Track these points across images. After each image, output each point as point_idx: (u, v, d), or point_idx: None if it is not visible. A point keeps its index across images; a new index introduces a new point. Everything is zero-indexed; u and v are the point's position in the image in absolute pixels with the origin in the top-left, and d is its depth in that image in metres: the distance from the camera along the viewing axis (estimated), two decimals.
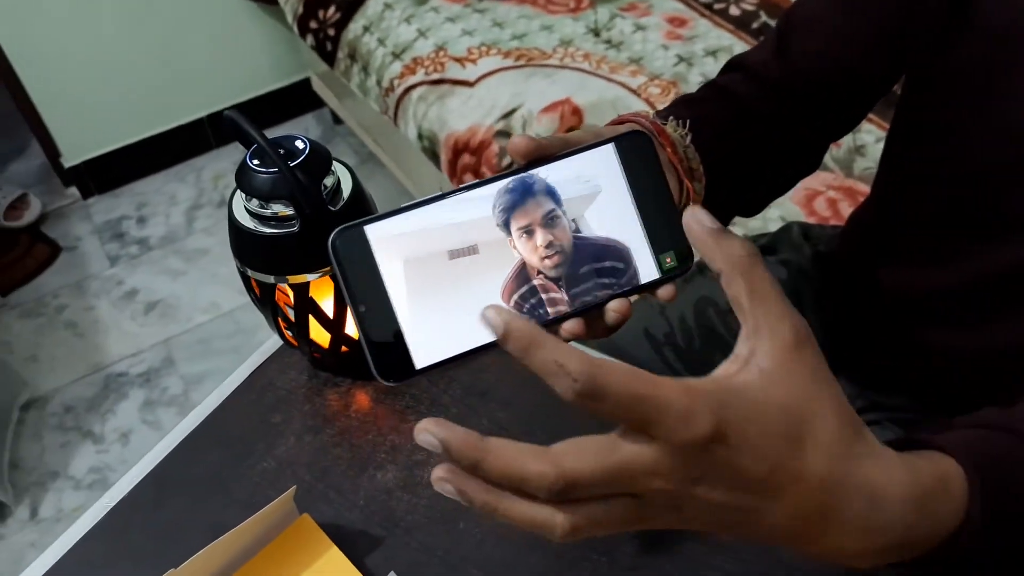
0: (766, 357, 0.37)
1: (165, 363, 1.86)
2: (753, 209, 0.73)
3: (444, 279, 0.45)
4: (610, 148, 0.47)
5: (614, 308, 0.47)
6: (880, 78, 0.70)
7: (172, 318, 1.96)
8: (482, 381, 0.69)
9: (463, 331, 0.45)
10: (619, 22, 1.65)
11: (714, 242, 0.38)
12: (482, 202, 0.46)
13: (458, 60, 1.61)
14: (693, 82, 1.48)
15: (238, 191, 0.62)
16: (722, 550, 0.57)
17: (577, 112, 1.45)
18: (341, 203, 0.62)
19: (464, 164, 1.52)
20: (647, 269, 0.48)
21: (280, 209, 0.60)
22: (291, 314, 0.64)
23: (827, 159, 1.31)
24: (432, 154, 1.60)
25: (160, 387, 1.81)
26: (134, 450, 1.68)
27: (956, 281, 0.70)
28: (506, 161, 1.44)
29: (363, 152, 2.26)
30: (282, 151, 0.60)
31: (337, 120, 2.34)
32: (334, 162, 0.63)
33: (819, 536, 0.38)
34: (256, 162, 0.60)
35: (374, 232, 0.45)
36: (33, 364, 1.89)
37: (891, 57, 0.67)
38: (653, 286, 0.48)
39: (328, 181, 0.61)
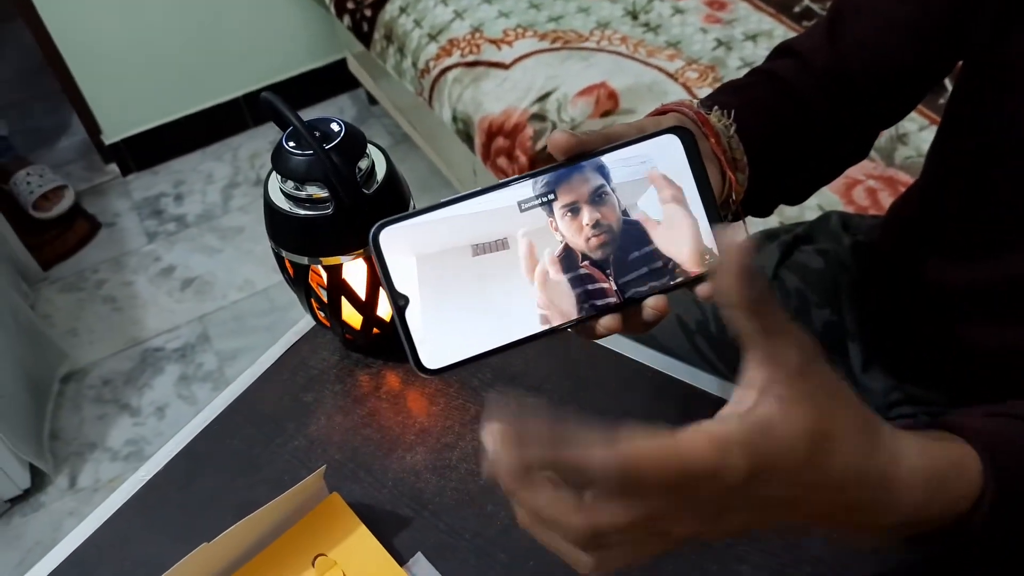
0: (782, 385, 0.37)
1: (200, 339, 1.89)
2: (798, 197, 0.72)
3: (485, 274, 0.45)
4: (653, 144, 0.47)
5: (652, 305, 0.47)
6: (933, 67, 0.68)
7: (208, 295, 1.99)
8: (512, 365, 0.69)
9: (503, 325, 0.45)
10: (657, 5, 1.63)
11: (734, 277, 0.36)
12: (524, 191, 0.45)
13: (494, 42, 1.61)
14: (732, 67, 1.46)
15: (274, 172, 0.62)
16: (748, 542, 0.56)
17: (613, 96, 1.44)
18: (375, 186, 0.62)
19: (498, 147, 1.52)
20: (692, 264, 0.47)
21: (315, 191, 0.60)
22: (324, 295, 0.65)
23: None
24: (466, 136, 1.60)
25: (195, 363, 1.84)
26: (170, 424, 1.71)
27: (1001, 277, 0.69)
28: (540, 144, 1.43)
29: (398, 133, 2.26)
30: (318, 133, 0.60)
31: (372, 101, 2.35)
32: (369, 145, 0.64)
33: (833, 523, 0.40)
34: (292, 144, 0.60)
35: (414, 227, 0.45)
36: (73, 337, 1.92)
37: (945, 46, 0.66)
38: (695, 282, 0.47)
39: (363, 164, 0.62)
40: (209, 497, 0.64)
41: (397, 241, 0.45)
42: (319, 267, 0.63)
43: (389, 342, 0.71)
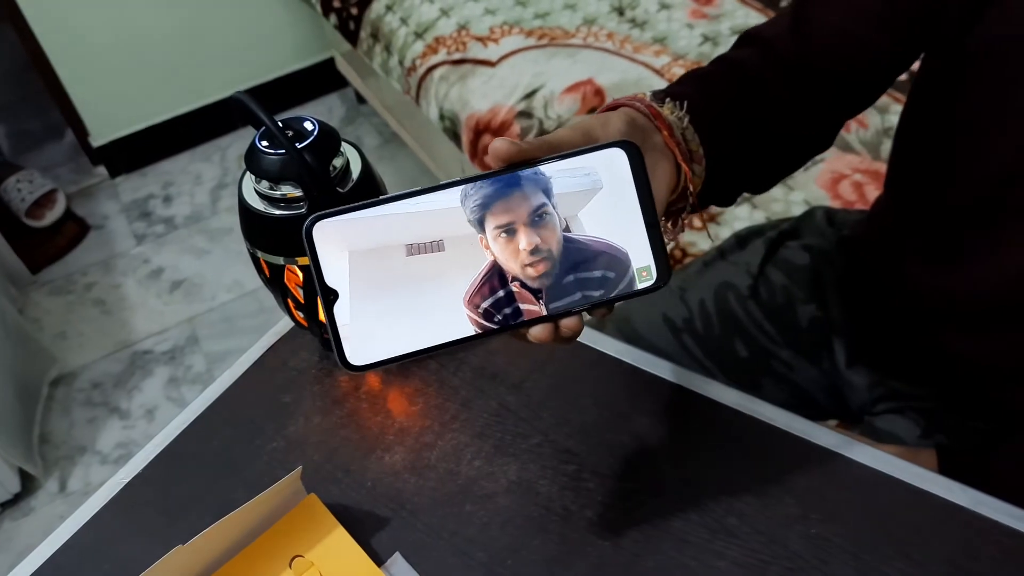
0: None
1: (189, 341, 1.89)
2: (762, 186, 0.71)
3: (410, 275, 0.44)
4: (598, 156, 0.45)
5: (567, 325, 0.45)
6: (898, 57, 0.68)
7: (197, 297, 1.98)
8: (492, 364, 0.69)
9: (432, 326, 0.44)
10: (643, 1, 1.63)
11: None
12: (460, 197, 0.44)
13: (480, 40, 1.60)
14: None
15: (248, 172, 0.62)
16: (728, 538, 0.56)
17: (599, 93, 1.44)
18: (350, 184, 0.62)
19: (485, 144, 1.51)
20: (627, 281, 0.45)
21: (289, 191, 0.60)
22: (301, 295, 0.64)
23: (854, 142, 1.29)
24: (454, 134, 1.60)
25: (184, 365, 1.84)
26: (159, 426, 1.70)
27: (973, 285, 0.69)
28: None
29: (386, 132, 2.26)
30: (291, 133, 0.60)
31: (361, 100, 2.34)
32: (343, 143, 0.63)
33: None
34: (265, 144, 0.60)
35: (349, 222, 0.44)
36: (62, 341, 1.92)
37: (911, 36, 0.65)
38: (630, 297, 0.45)
39: (337, 162, 0.61)
40: (187, 499, 0.63)
41: (331, 235, 0.44)
42: (295, 267, 0.63)
43: None
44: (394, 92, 1.84)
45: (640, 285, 0.45)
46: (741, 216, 1.21)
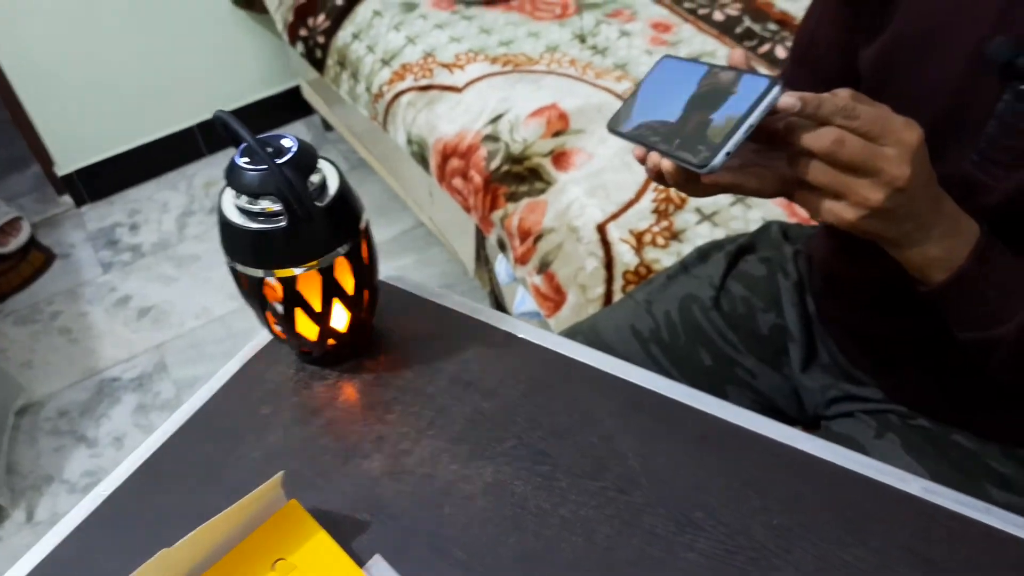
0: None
1: (158, 368, 1.88)
2: None
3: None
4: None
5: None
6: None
7: (164, 324, 1.98)
8: (467, 372, 0.71)
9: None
10: (604, 28, 1.68)
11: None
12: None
13: (446, 66, 1.64)
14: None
15: (227, 188, 0.64)
16: (695, 530, 0.59)
17: (563, 117, 1.48)
18: (328, 199, 0.64)
19: (453, 168, 1.55)
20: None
21: (268, 205, 0.62)
22: (279, 307, 0.66)
23: None
24: (421, 159, 1.62)
25: (153, 391, 1.83)
26: (127, 454, 1.69)
27: (878, 273, 0.75)
28: (494, 164, 1.46)
29: (353, 158, 2.28)
30: (271, 149, 0.62)
31: (328, 127, 2.36)
32: (321, 160, 0.66)
33: (925, 230, 0.61)
34: (245, 160, 0.62)
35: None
36: (28, 370, 1.90)
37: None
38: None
39: (315, 178, 0.64)
40: (168, 511, 0.64)
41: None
42: (273, 280, 0.65)
43: (344, 353, 0.73)
44: (361, 118, 1.87)
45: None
46: (703, 233, 1.25)
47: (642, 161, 0.64)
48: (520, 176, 1.43)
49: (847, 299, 0.87)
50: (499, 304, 1.73)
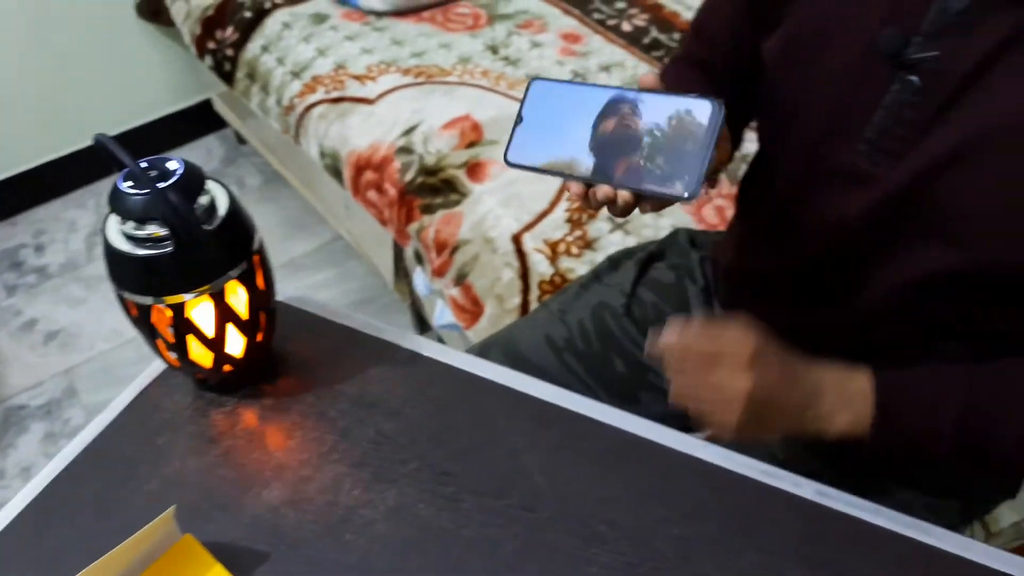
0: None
1: (67, 393, 1.81)
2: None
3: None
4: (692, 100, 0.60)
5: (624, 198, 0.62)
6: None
7: (73, 347, 1.91)
8: (371, 393, 0.70)
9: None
10: (516, 39, 1.69)
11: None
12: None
13: (357, 78, 1.62)
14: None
15: (112, 215, 0.62)
16: (599, 545, 0.59)
17: (477, 128, 1.48)
18: (217, 221, 0.62)
19: (367, 181, 1.53)
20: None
21: (155, 230, 0.60)
22: (171, 334, 0.64)
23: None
24: (335, 172, 1.60)
25: (62, 419, 1.76)
26: None
27: (775, 267, 0.81)
28: (408, 176, 1.45)
29: (268, 171, 2.24)
30: (155, 172, 0.60)
31: (241, 140, 2.32)
32: (209, 182, 0.64)
33: (792, 420, 0.67)
34: (129, 184, 0.60)
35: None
36: None
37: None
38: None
39: (203, 200, 0.62)
40: (59, 550, 0.62)
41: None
42: (163, 306, 0.62)
43: (243, 378, 0.71)
44: (274, 131, 1.84)
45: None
46: (615, 241, 1.27)
47: (581, 197, 0.64)
48: (435, 188, 1.42)
49: (751, 300, 0.89)
50: (420, 317, 1.72)
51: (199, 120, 2.35)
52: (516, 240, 1.30)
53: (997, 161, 0.61)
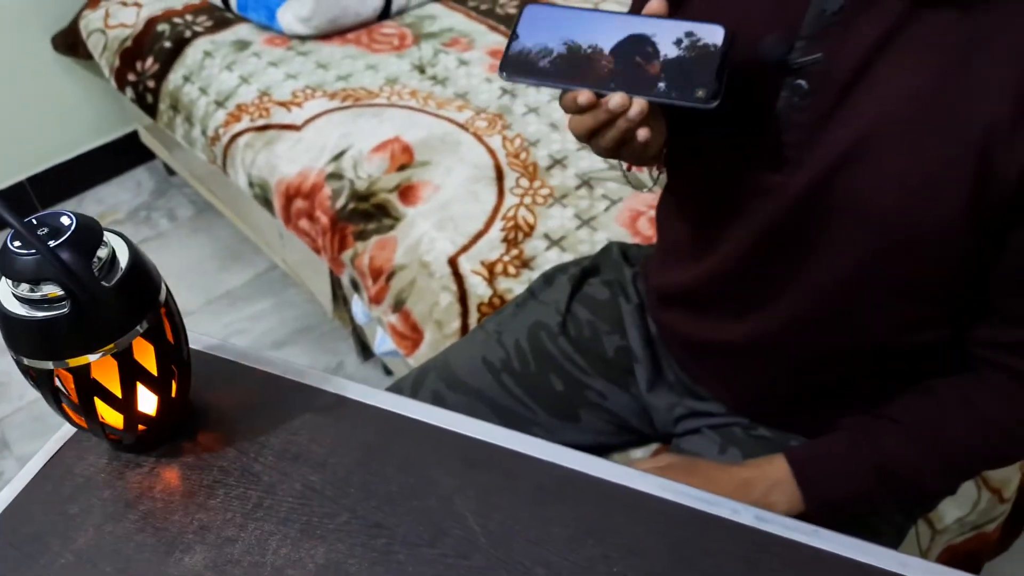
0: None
1: None
2: None
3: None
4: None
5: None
6: None
7: (3, 397, 1.83)
8: (295, 443, 0.67)
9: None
10: (443, 58, 1.67)
11: None
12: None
13: (283, 104, 1.59)
14: (518, 113, 1.51)
15: (2, 278, 0.58)
16: (550, 543, 0.57)
17: (407, 150, 1.46)
18: (118, 276, 0.59)
19: (298, 209, 1.50)
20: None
21: (51, 291, 0.57)
22: (75, 395, 0.61)
23: (649, 181, 1.36)
24: (265, 201, 1.57)
25: None
26: None
27: (690, 279, 0.81)
28: (339, 203, 1.42)
29: (200, 202, 2.18)
30: (46, 230, 0.57)
31: (171, 171, 2.26)
32: (108, 234, 0.60)
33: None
34: (18, 244, 0.56)
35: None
36: None
37: None
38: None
39: (102, 253, 0.59)
40: None
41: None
42: (65, 370, 0.59)
43: (159, 436, 0.67)
44: (202, 161, 1.79)
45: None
46: (552, 259, 1.25)
47: (585, 108, 0.63)
48: (367, 213, 1.40)
49: (682, 316, 0.89)
50: (362, 344, 1.69)
51: (126, 152, 2.29)
52: (452, 263, 1.28)
53: (890, 154, 0.62)
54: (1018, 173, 0.58)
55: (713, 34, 0.61)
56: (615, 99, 0.61)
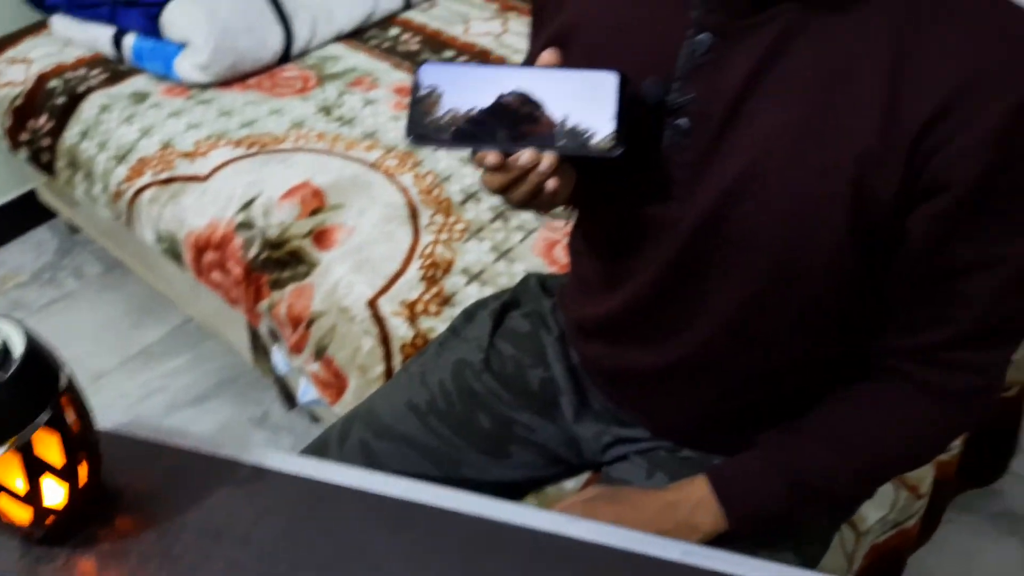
0: None
1: None
2: None
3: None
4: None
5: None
6: None
7: None
8: (216, 519, 0.65)
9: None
10: (348, 98, 1.66)
11: None
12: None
13: (187, 155, 1.56)
14: (428, 150, 1.52)
15: None
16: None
17: (318, 194, 1.44)
18: (12, 367, 0.57)
19: (209, 261, 1.46)
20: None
21: None
22: None
23: (564, 214, 1.38)
24: (175, 256, 1.53)
25: None
26: None
27: (620, 305, 0.82)
28: (252, 253, 1.40)
29: (108, 258, 2.11)
30: None
31: (74, 229, 2.18)
32: (0, 322, 0.58)
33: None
34: None
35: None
36: None
37: None
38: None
39: None
40: None
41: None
42: None
43: (71, 527, 0.65)
44: (107, 218, 1.74)
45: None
46: (472, 294, 1.26)
47: (496, 167, 0.64)
48: (281, 261, 1.37)
49: (602, 346, 0.90)
50: (288, 394, 1.66)
51: (25, 213, 2.20)
52: (372, 306, 1.27)
53: (770, 186, 0.65)
54: (892, 194, 0.61)
55: (608, 81, 0.63)
56: (524, 156, 0.62)
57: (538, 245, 1.32)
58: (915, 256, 0.65)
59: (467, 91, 0.64)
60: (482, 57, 1.75)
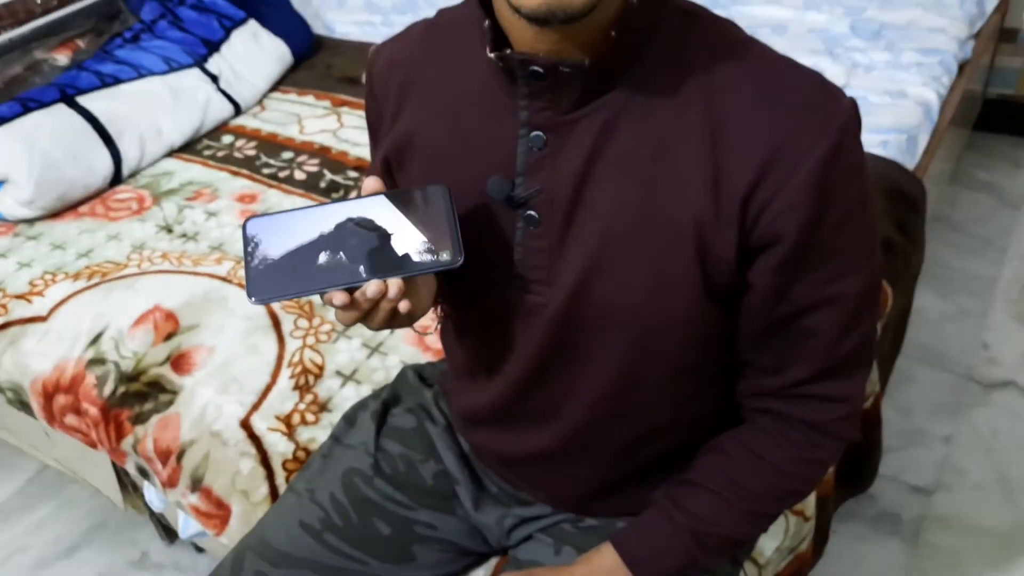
0: None
1: None
2: None
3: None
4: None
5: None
6: None
7: None
8: None
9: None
10: (189, 213, 1.62)
11: None
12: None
13: (21, 297, 1.47)
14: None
15: None
16: None
17: (171, 317, 1.39)
18: None
19: (61, 406, 1.37)
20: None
21: None
22: None
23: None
24: (21, 404, 1.42)
25: None
26: None
27: (499, 392, 0.84)
28: (107, 390, 1.32)
29: None
30: None
31: None
32: None
33: None
34: None
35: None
36: None
37: None
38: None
39: None
40: None
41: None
42: None
43: None
44: None
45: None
46: (349, 396, 1.23)
47: (347, 304, 0.64)
48: (141, 394, 1.31)
49: (488, 432, 0.90)
50: (167, 528, 1.56)
51: None
52: (246, 425, 1.23)
53: (621, 263, 0.69)
54: (733, 253, 0.66)
55: (437, 195, 0.65)
56: (371, 288, 0.63)
57: (409, 335, 1.32)
58: (761, 304, 0.69)
59: (297, 235, 0.64)
60: (323, 154, 1.76)
